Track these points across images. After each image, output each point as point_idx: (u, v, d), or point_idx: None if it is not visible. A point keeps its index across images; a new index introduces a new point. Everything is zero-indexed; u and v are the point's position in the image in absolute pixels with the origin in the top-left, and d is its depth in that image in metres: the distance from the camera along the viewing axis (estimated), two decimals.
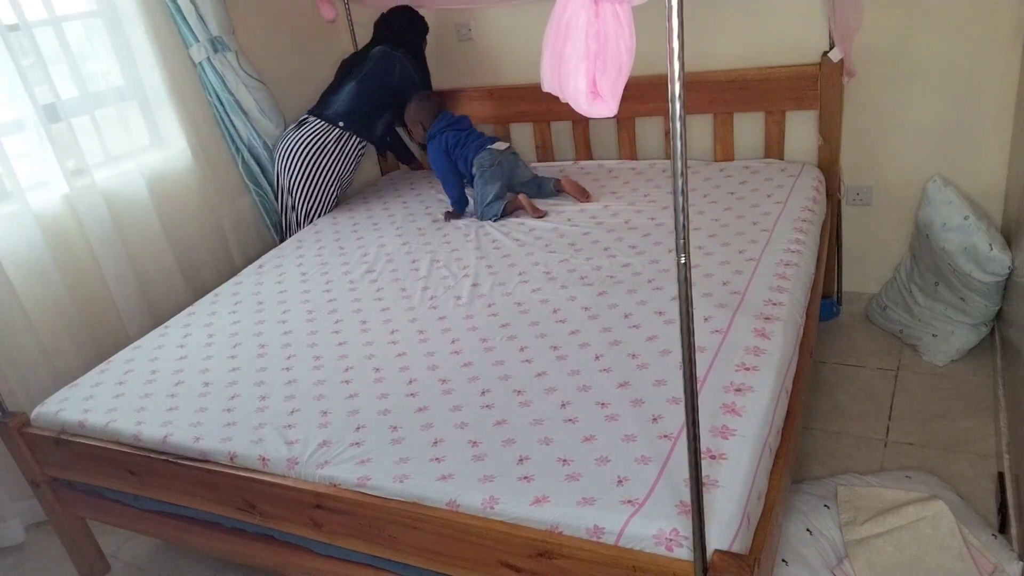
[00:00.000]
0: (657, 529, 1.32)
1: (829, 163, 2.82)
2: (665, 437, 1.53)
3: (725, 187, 2.77)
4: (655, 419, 1.58)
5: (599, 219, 2.66)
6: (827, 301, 2.96)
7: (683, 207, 1.05)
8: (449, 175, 2.99)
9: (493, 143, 2.98)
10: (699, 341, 1.81)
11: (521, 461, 1.53)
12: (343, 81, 3.18)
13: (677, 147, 1.02)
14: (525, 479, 1.48)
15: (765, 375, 1.68)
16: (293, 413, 1.84)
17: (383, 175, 3.75)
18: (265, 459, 1.71)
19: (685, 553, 1.28)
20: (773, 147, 2.96)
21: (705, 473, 1.39)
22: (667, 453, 1.48)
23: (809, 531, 1.85)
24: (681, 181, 1.03)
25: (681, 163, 1.02)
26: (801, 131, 2.91)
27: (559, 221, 2.71)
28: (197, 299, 2.67)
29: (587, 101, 1.11)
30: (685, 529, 1.30)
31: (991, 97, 2.60)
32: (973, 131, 2.67)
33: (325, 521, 1.64)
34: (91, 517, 2.18)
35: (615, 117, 2.35)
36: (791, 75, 2.79)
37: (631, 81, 1.14)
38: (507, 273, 2.38)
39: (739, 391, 1.63)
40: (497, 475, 1.51)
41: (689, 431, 1.17)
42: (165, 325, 2.44)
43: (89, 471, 2.01)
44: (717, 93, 2.93)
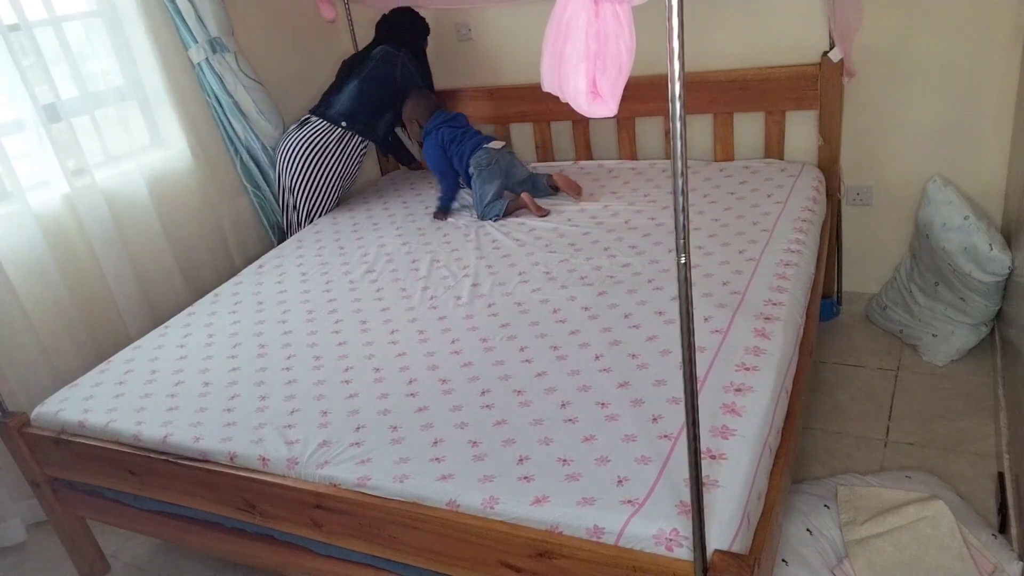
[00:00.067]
0: (657, 529, 1.32)
1: (829, 163, 2.82)
2: (665, 437, 1.53)
3: (725, 187, 2.77)
4: (655, 419, 1.58)
5: (599, 219, 2.66)
6: (827, 301, 2.96)
7: (683, 207, 1.05)
8: (444, 170, 3.02)
9: (489, 142, 2.98)
10: (699, 341, 1.81)
11: (521, 461, 1.53)
12: (345, 81, 3.18)
13: (677, 147, 1.02)
14: (525, 479, 1.48)
15: (765, 375, 1.68)
16: (293, 413, 1.84)
17: (383, 175, 3.75)
18: (265, 459, 1.71)
19: (685, 553, 1.28)
20: (773, 147, 2.96)
21: (705, 473, 1.39)
22: (667, 453, 1.48)
23: (809, 531, 1.85)
24: (681, 181, 1.04)
25: (681, 163, 1.03)
26: (801, 131, 2.92)
27: (559, 221, 2.70)
28: (197, 299, 2.67)
29: (587, 101, 1.11)
30: (685, 529, 1.30)
31: (991, 97, 2.60)
32: (973, 131, 2.67)
33: (325, 521, 1.64)
34: (91, 517, 2.18)
35: (615, 117, 2.35)
36: (791, 75, 2.79)
37: (631, 81, 1.14)
38: (507, 273, 2.38)
39: (739, 391, 1.63)
40: (497, 475, 1.51)
41: (689, 431, 1.17)
42: (165, 325, 2.44)
43: (89, 471, 2.01)
44: (717, 93, 2.93)
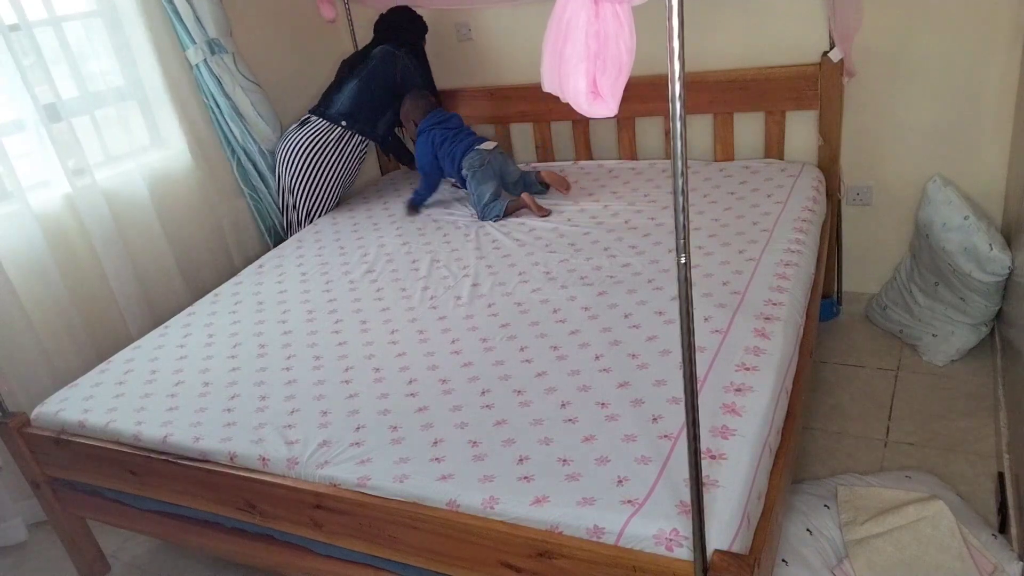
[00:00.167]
0: (657, 529, 1.32)
1: (829, 163, 2.82)
2: (665, 437, 1.53)
3: (725, 187, 2.77)
4: (655, 419, 1.58)
5: (599, 219, 2.66)
6: (827, 301, 2.96)
7: (683, 207, 1.05)
8: (430, 171, 3.07)
9: (480, 143, 2.99)
10: (699, 341, 1.81)
11: (521, 461, 1.53)
12: (345, 80, 3.18)
13: (677, 147, 1.02)
14: (525, 479, 1.48)
15: (765, 375, 1.68)
16: (293, 413, 1.84)
17: (383, 175, 3.75)
18: (265, 459, 1.71)
19: (685, 553, 1.28)
20: (773, 147, 2.96)
21: (705, 473, 1.39)
22: (667, 453, 1.48)
23: (809, 531, 1.85)
24: (681, 181, 1.04)
25: (681, 163, 1.02)
26: (801, 131, 2.91)
27: (559, 221, 2.70)
28: (197, 299, 2.67)
29: (587, 101, 1.11)
30: (685, 529, 1.30)
31: (991, 97, 2.60)
32: (973, 131, 2.67)
33: (325, 521, 1.64)
34: (91, 517, 2.18)
35: (615, 117, 2.35)
36: (791, 75, 2.79)
37: (631, 81, 1.14)
38: (507, 273, 2.38)
39: (739, 391, 1.63)
40: (497, 475, 1.51)
41: (689, 431, 1.17)
42: (165, 325, 2.44)
43: (89, 471, 2.01)
44: (717, 93, 2.93)
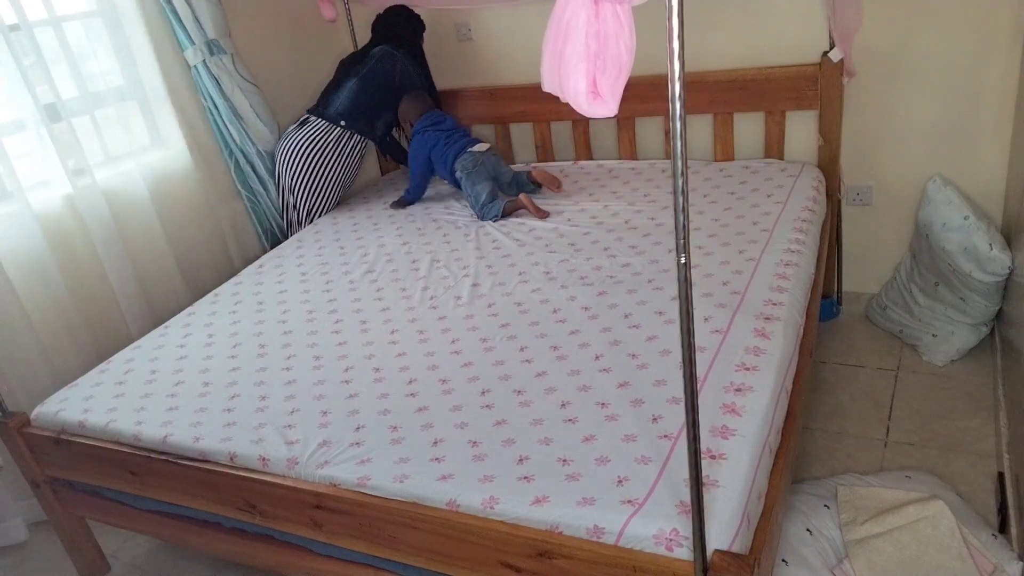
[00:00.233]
0: (657, 529, 1.32)
1: (829, 163, 2.82)
2: (665, 437, 1.53)
3: (725, 187, 2.77)
4: (655, 419, 1.58)
5: (599, 219, 2.66)
6: (827, 301, 2.96)
7: (683, 207, 1.05)
8: (422, 170, 3.11)
9: (473, 145, 3.00)
10: (699, 341, 1.81)
11: (521, 461, 1.53)
12: (343, 80, 3.18)
13: (677, 147, 1.02)
14: (525, 479, 1.48)
15: (765, 375, 1.68)
16: (293, 413, 1.84)
17: (383, 175, 3.75)
18: (265, 459, 1.71)
19: (685, 553, 1.28)
20: (773, 147, 2.96)
21: (705, 473, 1.39)
22: (667, 453, 1.48)
23: (809, 531, 1.85)
24: (681, 181, 1.04)
25: (681, 163, 1.02)
26: (801, 131, 2.91)
27: (559, 221, 2.70)
28: (197, 299, 2.67)
29: (587, 101, 1.11)
30: (685, 529, 1.30)
31: (991, 97, 2.60)
32: (973, 131, 2.67)
33: (325, 521, 1.64)
34: (91, 517, 2.18)
35: (615, 117, 2.35)
36: (791, 75, 2.79)
37: (631, 81, 1.14)
38: (507, 273, 2.38)
39: (739, 391, 1.63)
40: (497, 475, 1.51)
41: (689, 431, 1.17)
42: (165, 325, 2.44)
43: (89, 471, 2.01)
44: (717, 93, 2.93)
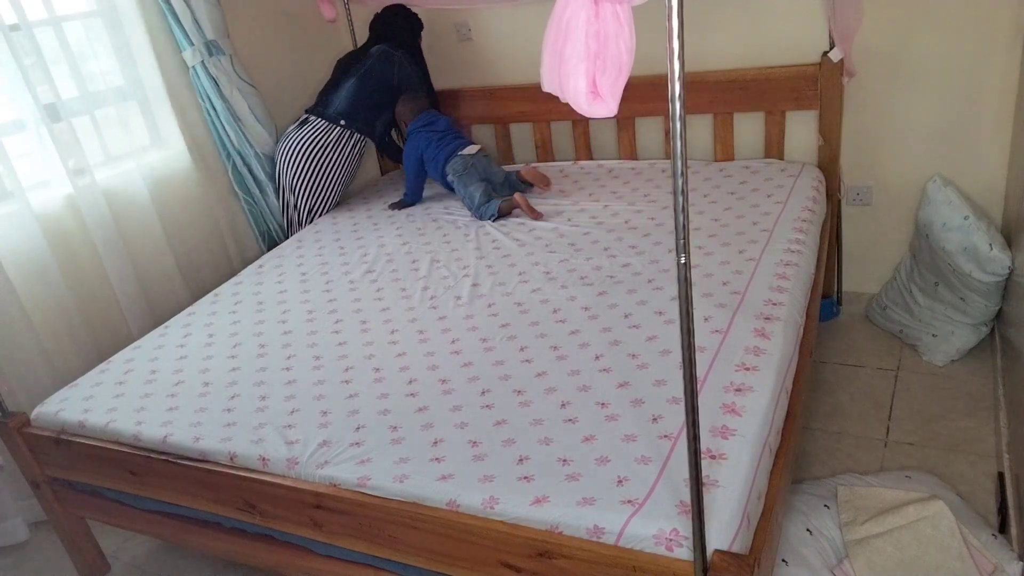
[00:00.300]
0: (657, 529, 1.32)
1: (829, 163, 2.82)
2: (665, 437, 1.53)
3: (725, 187, 2.77)
4: (655, 419, 1.58)
5: (599, 219, 2.66)
6: (827, 301, 2.96)
7: (683, 207, 1.05)
8: (415, 171, 3.12)
9: (464, 147, 3.01)
10: (699, 341, 1.81)
11: (521, 461, 1.53)
12: (342, 79, 3.18)
13: (677, 147, 1.02)
14: (525, 479, 1.48)
15: (765, 375, 1.68)
16: (293, 413, 1.84)
17: (383, 175, 3.75)
18: (265, 459, 1.71)
19: (685, 553, 1.28)
20: (773, 147, 2.96)
21: (705, 473, 1.39)
22: (667, 453, 1.48)
23: (809, 531, 1.85)
24: (681, 181, 1.04)
25: (681, 163, 1.02)
26: (801, 131, 2.91)
27: (559, 221, 2.70)
28: (197, 299, 2.67)
29: (587, 101, 1.11)
30: (685, 529, 1.30)
31: (991, 97, 2.60)
32: (973, 131, 2.67)
33: (325, 521, 1.64)
34: (91, 517, 2.18)
35: (615, 117, 2.35)
36: (791, 75, 2.79)
37: (631, 81, 1.14)
38: (507, 273, 2.38)
39: (739, 391, 1.63)
40: (497, 475, 1.51)
41: (689, 431, 1.17)
42: (165, 325, 2.44)
43: (89, 471, 2.01)
44: (717, 93, 2.93)
